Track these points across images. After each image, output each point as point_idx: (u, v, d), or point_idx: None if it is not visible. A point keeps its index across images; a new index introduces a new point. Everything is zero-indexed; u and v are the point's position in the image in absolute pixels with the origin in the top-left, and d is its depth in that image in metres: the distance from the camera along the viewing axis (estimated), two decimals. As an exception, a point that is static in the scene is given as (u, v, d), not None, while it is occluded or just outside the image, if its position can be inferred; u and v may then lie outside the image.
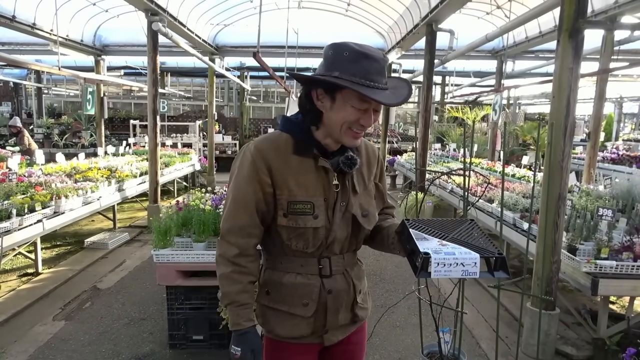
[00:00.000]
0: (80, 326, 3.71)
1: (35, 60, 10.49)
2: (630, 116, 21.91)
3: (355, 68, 1.26)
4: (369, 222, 1.48)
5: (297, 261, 1.44)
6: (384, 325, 3.68)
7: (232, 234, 1.39)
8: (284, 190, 1.37)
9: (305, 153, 1.39)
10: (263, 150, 1.38)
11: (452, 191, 6.53)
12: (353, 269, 1.53)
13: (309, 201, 1.37)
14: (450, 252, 1.18)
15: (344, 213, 1.43)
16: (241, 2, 8.90)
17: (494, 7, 7.54)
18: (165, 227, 3.21)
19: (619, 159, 8.93)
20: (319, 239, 1.40)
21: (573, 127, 3.03)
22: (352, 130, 1.34)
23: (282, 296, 1.45)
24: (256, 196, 1.37)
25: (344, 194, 1.43)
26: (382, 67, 1.29)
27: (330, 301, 1.45)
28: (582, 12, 2.96)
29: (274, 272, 1.48)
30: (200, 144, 12.36)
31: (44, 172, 5.98)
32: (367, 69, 1.26)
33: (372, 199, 1.52)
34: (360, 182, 1.49)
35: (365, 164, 1.52)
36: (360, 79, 1.25)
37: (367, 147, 1.57)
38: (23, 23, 7.31)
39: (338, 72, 1.27)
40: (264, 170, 1.36)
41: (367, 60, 1.27)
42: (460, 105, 14.25)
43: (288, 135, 1.41)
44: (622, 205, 4.18)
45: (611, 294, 3.36)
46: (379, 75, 1.28)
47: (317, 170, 1.39)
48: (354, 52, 1.27)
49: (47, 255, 5.50)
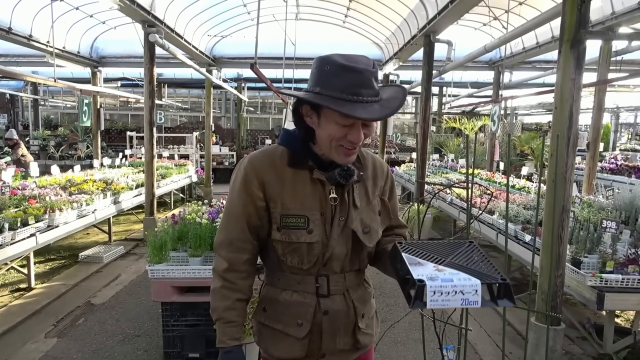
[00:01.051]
0: (73, 343, 3.60)
1: (31, 72, 10.47)
2: (627, 126, 22.01)
3: (337, 83, 1.19)
4: (370, 238, 1.39)
5: (295, 278, 1.38)
6: (385, 341, 3.60)
7: (222, 248, 1.38)
8: (278, 204, 1.33)
9: (300, 165, 1.34)
10: (256, 163, 1.35)
11: (452, 202, 6.48)
12: (357, 291, 1.44)
13: (303, 215, 1.32)
14: (447, 279, 1.04)
15: (342, 228, 1.35)
16: (238, 13, 8.91)
17: (492, 18, 7.56)
18: (160, 241, 3.14)
19: (617, 169, 8.92)
20: (314, 254, 1.33)
21: (576, 138, 2.99)
22: (342, 147, 1.27)
23: (278, 314, 1.39)
24: (247, 210, 1.34)
25: (342, 208, 1.36)
26: (368, 79, 1.20)
27: (325, 323, 1.37)
28: (584, 22, 2.94)
29: (271, 288, 1.43)
30: (197, 156, 12.30)
31: (38, 184, 5.91)
32: (349, 83, 1.18)
33: (375, 215, 1.43)
34: (363, 196, 1.41)
35: (370, 177, 1.45)
36: (342, 94, 1.17)
37: (376, 161, 1.50)
38: (19, 35, 7.28)
39: (319, 87, 1.21)
40: (255, 184, 1.33)
41: (350, 73, 1.18)
42: (458, 116, 14.26)
43: (284, 148, 1.37)
44: (625, 216, 4.13)
45: (617, 308, 3.30)
46: (363, 87, 1.19)
47: (313, 183, 1.34)
48: (336, 66, 1.19)
49: (40, 269, 5.40)
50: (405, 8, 7.50)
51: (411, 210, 6.27)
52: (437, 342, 2.03)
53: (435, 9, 6.22)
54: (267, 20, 8.92)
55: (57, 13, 7.24)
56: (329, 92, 1.19)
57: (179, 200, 10.26)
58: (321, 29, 10.11)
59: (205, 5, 7.97)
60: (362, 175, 1.40)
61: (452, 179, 8.12)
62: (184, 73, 15.22)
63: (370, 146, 15.91)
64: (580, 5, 2.92)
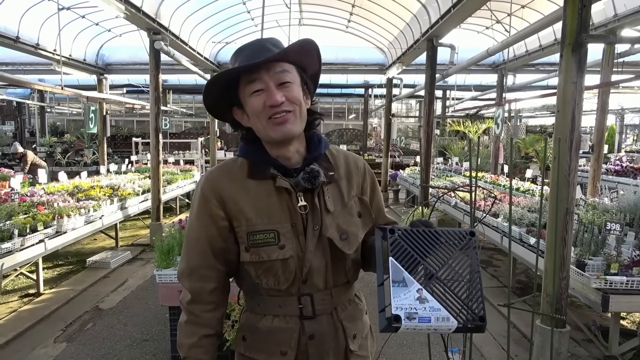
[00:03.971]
0: (82, 348, 3.64)
1: (38, 80, 10.59)
2: (632, 127, 21.94)
3: (233, 62, 1.24)
4: (349, 245, 1.24)
5: (275, 301, 1.24)
6: (391, 344, 3.61)
7: (184, 278, 1.25)
8: (242, 221, 1.20)
9: (261, 175, 1.22)
10: (212, 180, 1.24)
11: (456, 206, 6.49)
12: (346, 308, 1.29)
13: (272, 229, 1.18)
14: (425, 318, 0.97)
15: (318, 238, 1.21)
16: (242, 20, 9.00)
17: (494, 21, 7.59)
18: (168, 246, 3.18)
19: (622, 170, 8.89)
20: (290, 272, 1.19)
21: (579, 141, 3.00)
22: (271, 120, 1.18)
23: (258, 343, 1.25)
24: (208, 232, 1.22)
25: (315, 216, 1.22)
26: (262, 45, 1.21)
27: (312, 348, 1.23)
28: (585, 26, 2.96)
29: (251, 315, 1.29)
30: (202, 161, 12.37)
31: (46, 191, 5.97)
32: (243, 56, 1.21)
33: (353, 218, 1.28)
34: (337, 198, 1.27)
35: (344, 176, 1.30)
36: (241, 63, 1.20)
37: (349, 158, 1.36)
38: (27, 43, 7.38)
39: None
40: (214, 202, 1.21)
41: (242, 50, 1.23)
42: (462, 119, 14.27)
43: (244, 159, 1.27)
44: (630, 218, 4.13)
45: (622, 310, 3.30)
46: (258, 52, 1.18)
47: (279, 193, 1.21)
48: (235, 52, 1.26)
49: (48, 275, 5.45)
50: (408, 13, 7.55)
51: (416, 213, 6.28)
52: (443, 345, 2.06)
53: (437, 14, 6.26)
54: (271, 26, 8.99)
55: (64, 22, 7.34)
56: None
57: (184, 206, 10.32)
58: (324, 34, 10.18)
59: (210, 12, 8.06)
60: (333, 175, 1.27)
61: (456, 182, 8.13)
62: (188, 79, 15.30)
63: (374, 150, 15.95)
64: (581, 9, 2.94)
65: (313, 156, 1.27)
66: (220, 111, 1.30)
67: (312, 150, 1.28)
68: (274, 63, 1.18)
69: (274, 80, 1.18)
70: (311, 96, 1.30)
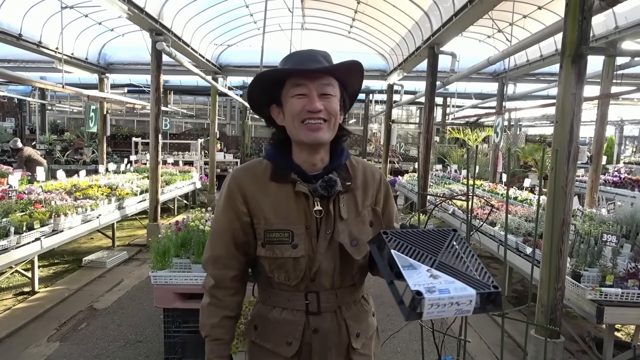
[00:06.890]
0: (75, 348, 3.63)
1: (39, 78, 10.59)
2: (631, 139, 21.98)
3: (287, 63, 1.32)
4: (359, 251, 1.32)
5: (284, 295, 1.35)
6: (385, 351, 3.61)
7: (209, 265, 1.38)
8: (261, 219, 1.31)
9: (282, 179, 1.32)
10: (239, 178, 1.35)
11: (454, 213, 6.49)
12: (350, 308, 1.38)
13: (287, 229, 1.29)
14: (444, 290, 1.00)
15: (329, 241, 1.31)
16: (245, 22, 9.03)
17: (495, 30, 7.62)
18: (164, 248, 3.17)
19: (621, 182, 8.90)
20: (300, 270, 1.30)
21: (577, 152, 3.01)
22: (305, 124, 1.27)
23: (268, 332, 1.36)
24: (232, 226, 1.33)
25: (328, 221, 1.31)
26: (313, 55, 1.31)
27: (315, 342, 1.32)
28: (585, 38, 2.97)
29: (262, 306, 1.40)
30: (201, 162, 12.37)
31: (44, 189, 5.96)
32: (296, 60, 1.30)
33: (364, 226, 1.37)
34: (352, 207, 1.36)
35: (360, 187, 1.40)
36: (291, 67, 1.30)
37: (366, 169, 1.45)
38: (29, 41, 7.39)
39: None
40: (239, 199, 1.33)
41: (294, 55, 1.33)
42: (462, 127, 14.29)
43: (268, 162, 1.37)
44: (626, 230, 4.14)
45: (617, 322, 3.30)
46: (310, 61, 1.29)
47: (297, 197, 1.31)
48: (286, 57, 1.36)
49: (44, 273, 5.44)
50: (410, 20, 7.57)
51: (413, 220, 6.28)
52: (437, 353, 2.05)
53: (439, 21, 6.29)
54: (273, 30, 9.03)
55: (67, 20, 7.36)
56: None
57: (182, 207, 10.31)
58: (326, 38, 10.22)
59: (212, 14, 8.09)
60: (349, 185, 1.36)
61: (454, 190, 8.13)
62: (190, 80, 15.35)
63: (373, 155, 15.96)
64: (582, 21, 2.95)
65: (334, 165, 1.36)
66: (260, 104, 1.38)
67: (334, 160, 1.37)
68: (321, 75, 1.28)
69: (318, 89, 1.27)
70: (345, 112, 1.40)
